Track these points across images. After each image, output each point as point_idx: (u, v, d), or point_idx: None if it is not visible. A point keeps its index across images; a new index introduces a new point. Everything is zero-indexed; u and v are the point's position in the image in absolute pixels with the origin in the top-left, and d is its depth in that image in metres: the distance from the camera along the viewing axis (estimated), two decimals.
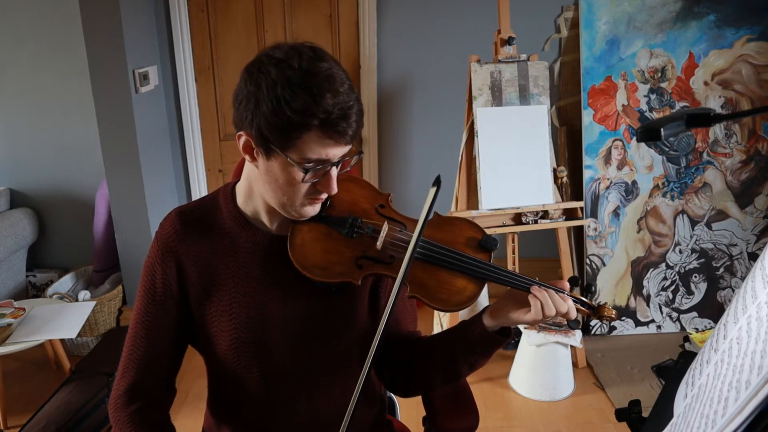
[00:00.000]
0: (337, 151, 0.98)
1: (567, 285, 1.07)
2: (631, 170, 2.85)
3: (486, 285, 1.09)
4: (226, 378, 1.17)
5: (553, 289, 1.05)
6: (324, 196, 1.05)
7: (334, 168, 1.01)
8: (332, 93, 0.93)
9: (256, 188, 1.08)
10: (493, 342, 1.09)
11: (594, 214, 2.86)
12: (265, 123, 0.95)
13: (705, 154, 2.85)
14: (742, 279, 2.87)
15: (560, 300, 1.04)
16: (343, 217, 1.08)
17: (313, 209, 1.06)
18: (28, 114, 3.17)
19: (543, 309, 1.02)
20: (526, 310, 1.03)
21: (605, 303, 1.11)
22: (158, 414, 1.15)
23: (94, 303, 2.69)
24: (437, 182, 1.01)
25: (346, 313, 1.15)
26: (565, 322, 1.08)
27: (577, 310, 1.08)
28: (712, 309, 2.93)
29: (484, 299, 2.85)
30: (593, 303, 1.11)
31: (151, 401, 1.14)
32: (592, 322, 2.92)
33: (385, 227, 1.08)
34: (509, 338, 1.11)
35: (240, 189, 1.13)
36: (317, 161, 0.97)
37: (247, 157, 1.03)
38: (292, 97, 0.92)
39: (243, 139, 1.00)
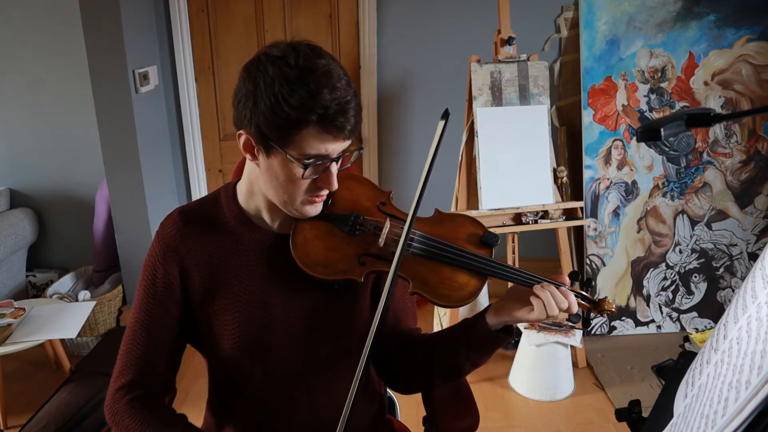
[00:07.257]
0: (336, 146, 0.98)
1: (567, 280, 1.07)
2: (631, 170, 2.85)
3: (486, 284, 1.09)
4: (227, 376, 1.17)
5: (554, 284, 1.05)
6: (325, 193, 1.05)
7: (333, 164, 1.01)
8: (329, 88, 0.94)
9: (258, 187, 1.08)
10: (496, 340, 1.10)
11: (594, 214, 2.86)
12: (263, 120, 0.95)
13: (705, 154, 2.85)
14: (742, 279, 2.87)
15: (562, 297, 1.03)
16: (345, 215, 1.09)
17: (315, 209, 1.06)
18: (28, 114, 3.17)
19: (546, 307, 1.02)
20: (530, 309, 1.03)
21: (605, 297, 1.11)
22: (158, 403, 1.12)
23: (94, 303, 2.69)
24: (446, 115, 1.00)
25: (349, 311, 1.15)
26: (566, 319, 1.07)
27: (578, 304, 1.08)
28: (712, 309, 2.93)
29: (483, 298, 2.85)
30: (594, 297, 1.11)
31: (149, 394, 1.11)
32: (593, 321, 2.92)
33: (387, 224, 1.08)
34: (512, 336, 1.11)
35: (241, 188, 1.13)
36: (316, 157, 0.98)
37: (247, 156, 1.03)
38: (289, 93, 0.93)
39: (243, 137, 1.01)
